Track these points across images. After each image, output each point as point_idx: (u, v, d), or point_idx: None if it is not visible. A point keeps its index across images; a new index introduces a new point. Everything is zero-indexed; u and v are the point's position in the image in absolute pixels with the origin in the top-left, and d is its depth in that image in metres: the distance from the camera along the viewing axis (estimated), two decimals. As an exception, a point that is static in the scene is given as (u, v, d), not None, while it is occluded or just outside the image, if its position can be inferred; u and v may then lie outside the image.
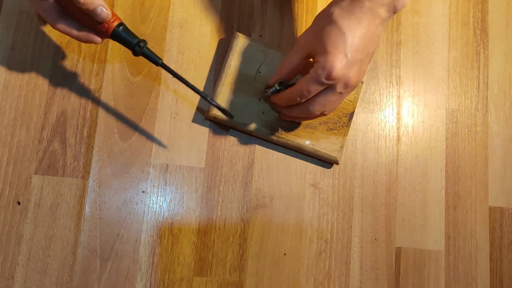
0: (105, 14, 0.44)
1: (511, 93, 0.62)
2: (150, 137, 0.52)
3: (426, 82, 0.60)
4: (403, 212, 0.56)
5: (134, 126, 0.51)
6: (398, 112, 0.58)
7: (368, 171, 0.56)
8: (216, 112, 0.51)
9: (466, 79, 0.61)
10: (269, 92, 0.50)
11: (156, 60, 0.45)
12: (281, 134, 0.52)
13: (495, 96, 0.61)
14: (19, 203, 0.48)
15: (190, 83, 0.46)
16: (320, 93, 0.44)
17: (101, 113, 0.51)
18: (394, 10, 0.43)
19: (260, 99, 0.52)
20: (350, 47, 0.41)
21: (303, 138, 0.53)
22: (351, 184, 0.55)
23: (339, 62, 0.41)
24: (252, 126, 0.52)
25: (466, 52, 0.62)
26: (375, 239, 0.55)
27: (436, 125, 0.59)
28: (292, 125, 0.53)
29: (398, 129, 0.58)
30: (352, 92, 0.53)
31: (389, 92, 0.58)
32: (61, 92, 0.51)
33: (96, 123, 0.51)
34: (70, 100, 0.51)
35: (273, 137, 0.52)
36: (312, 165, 0.55)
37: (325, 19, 0.43)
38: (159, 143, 0.52)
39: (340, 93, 0.44)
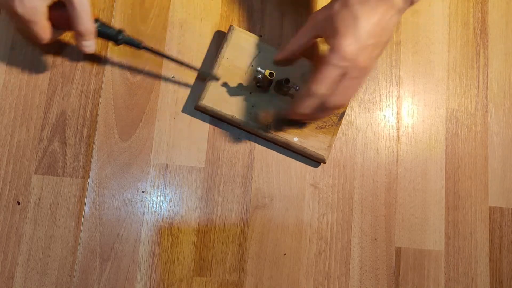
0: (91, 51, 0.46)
1: (511, 93, 0.62)
2: (150, 137, 0.52)
3: (426, 82, 0.60)
4: (403, 212, 0.56)
5: (134, 126, 0.51)
6: (398, 112, 0.58)
7: (368, 171, 0.56)
8: (205, 103, 0.51)
9: (466, 79, 0.61)
10: (258, 76, 0.49)
11: (137, 44, 0.48)
12: (270, 129, 0.52)
13: (495, 96, 0.61)
14: (18, 203, 0.48)
15: (174, 58, 0.50)
16: (340, 82, 0.44)
17: (101, 113, 0.51)
18: (411, 1, 0.43)
19: (251, 93, 0.52)
20: (362, 30, 0.42)
21: (291, 134, 0.52)
22: (351, 184, 0.55)
23: (350, 44, 0.42)
24: (241, 119, 0.51)
25: (466, 52, 0.61)
26: (375, 239, 0.55)
27: (436, 125, 0.59)
28: (281, 121, 0.52)
29: (398, 129, 0.58)
30: None
31: (389, 92, 0.58)
32: (61, 92, 0.51)
33: (96, 123, 0.51)
34: (70, 100, 0.51)
35: (261, 132, 0.52)
36: (311, 165, 0.55)
37: (340, 2, 0.44)
38: (159, 143, 0.52)
39: (354, 77, 0.44)
